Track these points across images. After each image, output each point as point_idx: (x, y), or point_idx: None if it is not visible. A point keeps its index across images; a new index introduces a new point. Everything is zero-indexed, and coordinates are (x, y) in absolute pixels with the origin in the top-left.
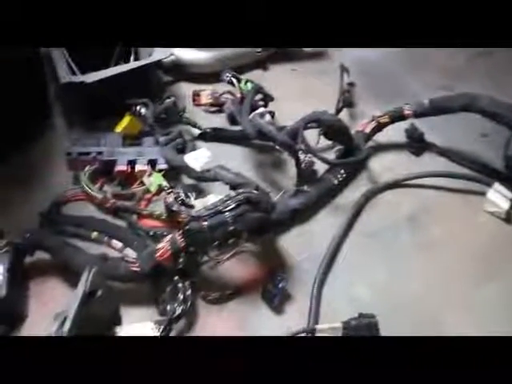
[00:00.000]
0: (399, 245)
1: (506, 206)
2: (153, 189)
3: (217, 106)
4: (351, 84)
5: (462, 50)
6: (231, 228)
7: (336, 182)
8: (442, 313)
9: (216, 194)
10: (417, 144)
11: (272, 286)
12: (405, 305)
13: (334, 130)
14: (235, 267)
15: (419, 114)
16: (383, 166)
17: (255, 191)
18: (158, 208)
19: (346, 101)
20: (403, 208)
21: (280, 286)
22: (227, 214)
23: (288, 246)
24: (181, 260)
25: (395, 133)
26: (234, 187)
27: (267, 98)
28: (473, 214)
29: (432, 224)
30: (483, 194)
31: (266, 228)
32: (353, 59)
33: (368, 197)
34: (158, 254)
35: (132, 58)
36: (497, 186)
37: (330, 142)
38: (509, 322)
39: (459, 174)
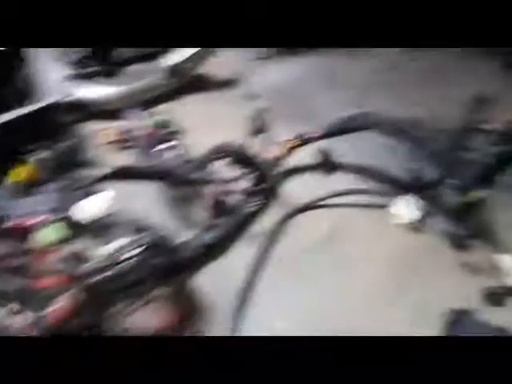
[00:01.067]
0: (317, 267)
1: (412, 216)
2: (49, 242)
3: (125, 142)
4: (264, 109)
5: (369, 65)
6: (135, 277)
7: (250, 210)
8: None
9: (118, 241)
10: (328, 164)
11: None
12: (325, 331)
13: (243, 159)
14: (146, 316)
15: (326, 135)
16: (296, 189)
17: (157, 235)
18: (56, 262)
19: (259, 127)
20: (318, 229)
21: None
22: (128, 262)
23: (204, 284)
24: (84, 315)
25: (306, 155)
26: (134, 232)
27: (176, 131)
28: (384, 227)
29: (347, 242)
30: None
31: (175, 270)
32: (265, 84)
33: (283, 222)
34: (55, 314)
35: (29, 101)
36: (402, 198)
37: (241, 171)
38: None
39: (368, 190)
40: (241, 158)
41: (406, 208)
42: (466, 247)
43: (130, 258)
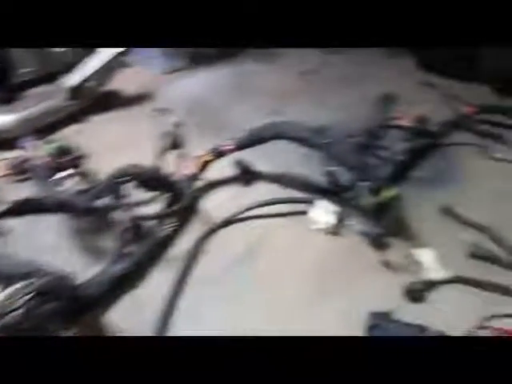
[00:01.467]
0: (240, 284)
1: (330, 220)
2: None
3: (22, 174)
4: (178, 124)
5: (289, 70)
6: (28, 325)
7: (165, 233)
8: None
9: (11, 287)
10: (246, 175)
11: None
12: None
13: (153, 180)
14: None
15: (240, 146)
16: (215, 205)
17: (54, 276)
18: None
19: (172, 143)
20: (239, 244)
21: None
22: (19, 310)
23: (116, 320)
24: None
25: (224, 167)
26: (28, 276)
27: (79, 156)
28: (304, 234)
29: (269, 254)
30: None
31: (80, 311)
32: (178, 97)
33: (202, 241)
34: None
35: None
36: (319, 202)
37: (152, 193)
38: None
39: (286, 199)
40: (150, 178)
41: (323, 213)
42: (384, 246)
43: (21, 305)
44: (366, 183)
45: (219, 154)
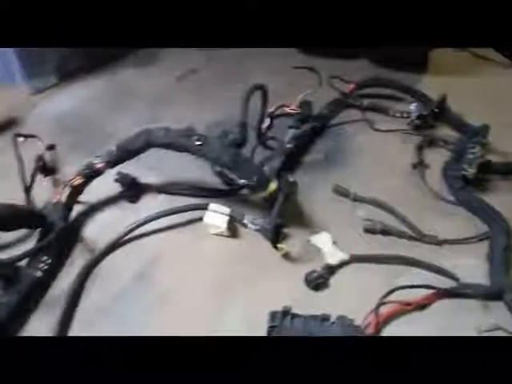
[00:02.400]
0: (134, 311)
1: (224, 223)
2: None
3: None
4: (51, 147)
5: (165, 74)
6: None
7: (40, 273)
8: None
9: None
10: (132, 191)
11: None
12: None
13: (9, 218)
14: None
15: (112, 163)
16: (100, 228)
17: None
18: None
19: (44, 169)
20: (130, 267)
21: None
22: None
23: None
24: None
25: (104, 186)
26: None
27: None
28: (201, 241)
29: (162, 272)
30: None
31: None
32: (49, 118)
33: (86, 272)
34: None
35: None
36: (212, 206)
37: (19, 230)
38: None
39: (175, 209)
40: (13, 214)
41: (217, 216)
42: (282, 238)
43: None
44: (254, 179)
45: (91, 174)
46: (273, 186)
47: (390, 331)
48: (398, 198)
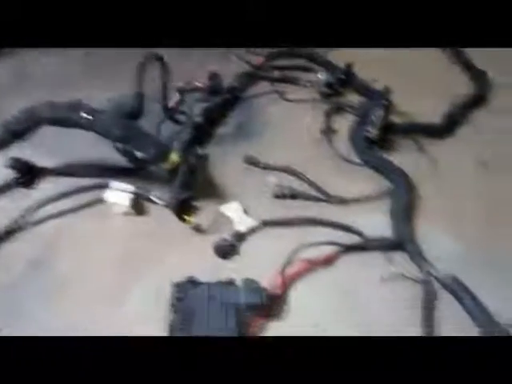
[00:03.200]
0: (29, 300)
1: (127, 201)
2: None
3: None
4: None
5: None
6: None
7: None
8: None
9: None
10: (27, 175)
11: None
12: None
13: None
14: None
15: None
16: None
17: None
18: None
19: None
20: (25, 256)
21: None
22: None
23: None
24: None
25: None
26: None
27: None
28: (104, 222)
29: (62, 257)
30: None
31: None
32: None
33: None
34: None
35: None
36: (114, 184)
37: None
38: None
39: (73, 190)
40: None
41: (119, 194)
42: (192, 211)
43: None
44: (151, 150)
45: None
46: (174, 157)
47: (297, 290)
48: (307, 164)
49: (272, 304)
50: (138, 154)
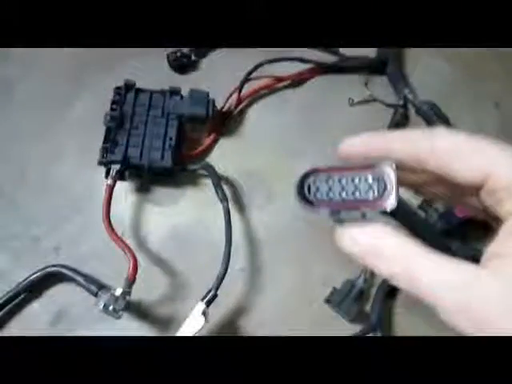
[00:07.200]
0: None
1: None
2: None
3: None
4: None
5: None
6: None
7: None
8: None
9: None
10: None
11: None
12: None
13: None
14: None
15: None
16: None
17: None
18: None
19: None
20: None
21: None
22: None
23: None
24: None
25: None
26: None
27: None
28: None
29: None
30: None
31: None
32: None
33: None
34: None
35: None
36: None
37: None
38: None
39: None
40: None
41: None
42: None
43: None
44: None
45: None
46: None
47: (254, 109)
48: None
49: (223, 119)
50: None
